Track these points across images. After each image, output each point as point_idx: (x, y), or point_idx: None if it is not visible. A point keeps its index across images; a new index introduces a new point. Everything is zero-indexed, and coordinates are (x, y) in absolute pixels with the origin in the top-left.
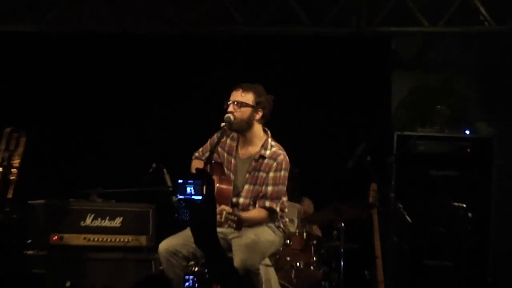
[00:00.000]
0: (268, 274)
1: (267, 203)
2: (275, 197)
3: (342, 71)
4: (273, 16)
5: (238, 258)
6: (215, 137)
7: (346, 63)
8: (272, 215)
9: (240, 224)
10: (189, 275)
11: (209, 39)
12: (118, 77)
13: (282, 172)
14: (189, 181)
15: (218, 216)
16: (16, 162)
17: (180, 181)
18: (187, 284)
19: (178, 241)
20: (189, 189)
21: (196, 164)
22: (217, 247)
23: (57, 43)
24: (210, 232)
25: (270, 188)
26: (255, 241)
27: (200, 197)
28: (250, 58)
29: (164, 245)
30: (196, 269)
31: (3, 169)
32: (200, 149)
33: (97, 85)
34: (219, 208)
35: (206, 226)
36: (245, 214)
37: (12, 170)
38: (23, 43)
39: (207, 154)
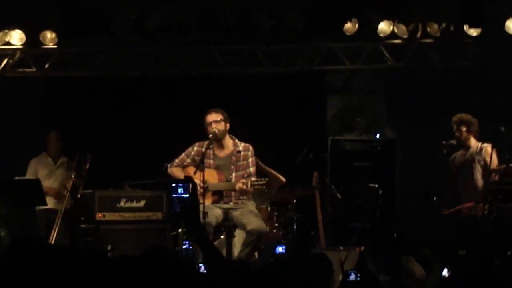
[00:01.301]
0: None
1: (253, 179)
2: (255, 174)
3: (292, 97)
4: (244, 61)
5: (254, 224)
6: (196, 148)
7: (295, 91)
8: None
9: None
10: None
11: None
12: (143, 104)
13: (254, 157)
14: (179, 184)
15: (243, 186)
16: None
17: (173, 184)
18: (185, 246)
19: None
20: (180, 190)
21: (177, 170)
22: (202, 232)
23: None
24: (196, 220)
25: (252, 169)
26: (256, 212)
27: (187, 195)
28: (230, 91)
29: None
30: None
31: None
32: (177, 160)
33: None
34: (240, 182)
35: (193, 215)
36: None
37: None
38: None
39: (188, 161)
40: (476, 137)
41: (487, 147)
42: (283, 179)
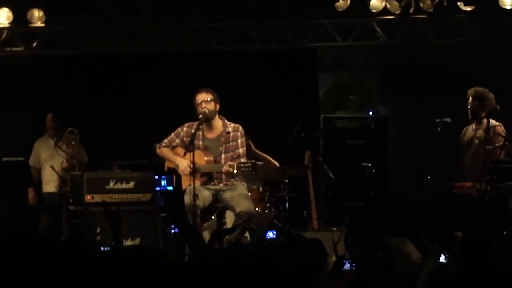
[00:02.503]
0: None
1: (242, 160)
2: (244, 155)
3: (284, 74)
4: (235, 38)
5: (243, 206)
6: (185, 129)
7: (287, 68)
8: None
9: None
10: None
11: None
12: (131, 82)
13: (244, 138)
14: (162, 176)
15: (230, 169)
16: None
17: (156, 177)
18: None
19: (191, 197)
20: (163, 182)
21: (166, 151)
22: (187, 223)
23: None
24: (181, 211)
25: (241, 150)
26: (246, 193)
27: (171, 188)
28: (220, 69)
29: (185, 201)
30: None
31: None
32: (166, 140)
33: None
34: (227, 164)
35: (178, 207)
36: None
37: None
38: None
39: (177, 141)
40: (490, 114)
41: (498, 126)
42: (276, 164)
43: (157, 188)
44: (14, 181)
